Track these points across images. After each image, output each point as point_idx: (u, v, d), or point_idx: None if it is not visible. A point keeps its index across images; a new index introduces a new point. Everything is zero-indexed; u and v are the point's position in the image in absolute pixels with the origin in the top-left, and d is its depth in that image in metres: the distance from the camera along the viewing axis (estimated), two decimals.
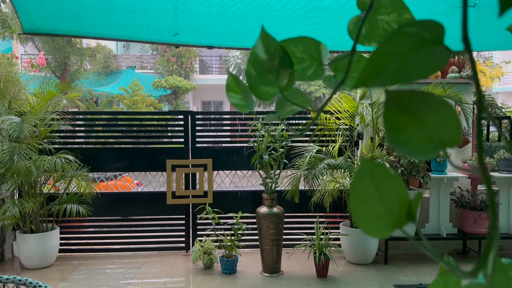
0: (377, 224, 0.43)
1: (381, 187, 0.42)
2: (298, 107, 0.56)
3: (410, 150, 0.42)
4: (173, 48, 18.75)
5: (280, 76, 0.52)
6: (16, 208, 4.53)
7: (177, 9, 3.25)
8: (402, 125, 0.41)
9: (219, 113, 5.60)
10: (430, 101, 0.41)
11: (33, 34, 3.72)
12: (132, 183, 7.06)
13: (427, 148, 0.41)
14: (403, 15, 0.57)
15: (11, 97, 5.08)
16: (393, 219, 0.42)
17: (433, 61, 0.43)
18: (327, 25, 3.42)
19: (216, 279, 4.54)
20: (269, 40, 0.51)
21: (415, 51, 0.42)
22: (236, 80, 0.55)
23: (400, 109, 0.41)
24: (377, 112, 4.97)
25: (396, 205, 0.42)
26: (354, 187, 0.43)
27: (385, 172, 0.43)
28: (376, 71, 0.43)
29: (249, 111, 0.56)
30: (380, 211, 0.42)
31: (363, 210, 0.43)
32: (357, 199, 0.43)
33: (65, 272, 4.74)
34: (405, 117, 0.41)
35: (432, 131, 0.41)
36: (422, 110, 0.41)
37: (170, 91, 19.37)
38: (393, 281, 4.43)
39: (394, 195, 0.42)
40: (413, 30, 0.42)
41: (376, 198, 0.42)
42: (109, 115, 6.14)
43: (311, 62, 0.57)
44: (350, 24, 0.60)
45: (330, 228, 4.88)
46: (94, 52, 18.25)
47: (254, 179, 5.55)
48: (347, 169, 4.72)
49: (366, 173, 0.43)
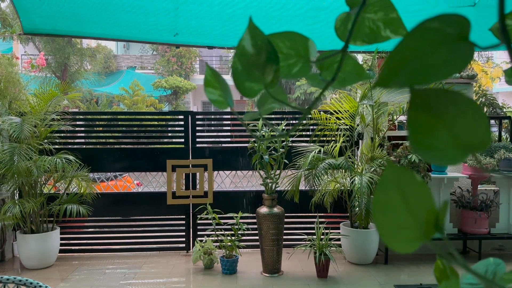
0: (403, 236, 0.39)
1: (408, 196, 0.39)
2: (276, 105, 0.53)
3: (436, 155, 0.39)
4: (173, 48, 18.75)
5: (265, 72, 0.49)
6: (16, 208, 4.53)
7: (177, 9, 3.25)
8: (428, 127, 0.38)
9: (219, 113, 5.59)
10: (458, 101, 0.38)
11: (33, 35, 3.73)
12: (133, 184, 7.06)
13: (455, 153, 0.38)
14: (389, 14, 0.55)
15: (12, 97, 5.08)
16: (421, 231, 0.39)
17: (457, 58, 0.39)
18: (327, 25, 3.43)
19: (216, 279, 4.54)
20: (257, 33, 0.48)
21: (437, 48, 0.39)
22: (216, 75, 0.51)
23: (426, 109, 0.38)
24: (377, 112, 4.97)
25: (423, 215, 0.39)
26: (378, 196, 0.40)
27: (412, 179, 0.39)
28: (396, 70, 0.40)
29: (228, 107, 0.53)
30: (407, 222, 0.39)
31: (388, 222, 0.39)
32: (381, 209, 0.39)
33: (66, 272, 4.74)
34: (431, 118, 0.38)
35: (461, 133, 0.37)
36: (449, 111, 0.38)
37: (170, 91, 19.38)
38: (393, 281, 4.42)
39: (422, 204, 0.39)
40: (436, 25, 0.39)
41: (402, 208, 0.39)
42: (110, 115, 6.13)
43: (297, 59, 0.54)
44: (338, 21, 0.57)
45: (330, 228, 4.88)
46: (94, 52, 18.27)
47: (254, 179, 5.55)
48: (347, 169, 4.72)
49: (392, 180, 0.39)
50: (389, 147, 5.17)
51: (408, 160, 4.66)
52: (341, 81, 0.56)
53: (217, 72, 0.51)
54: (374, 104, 4.89)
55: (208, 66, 0.52)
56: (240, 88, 0.50)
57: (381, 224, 0.39)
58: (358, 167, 4.96)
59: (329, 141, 5.16)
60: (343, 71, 0.55)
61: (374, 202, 0.40)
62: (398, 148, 4.91)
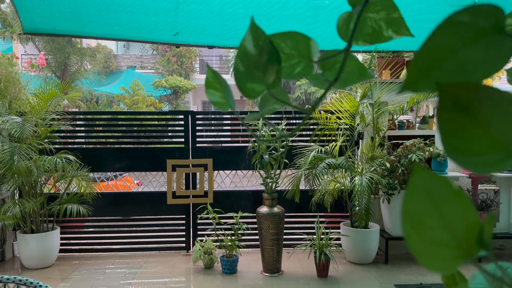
0: (439, 255, 0.34)
1: (443, 207, 0.34)
2: (278, 106, 0.52)
3: (476, 161, 0.34)
4: (173, 48, 18.75)
5: (267, 72, 0.49)
6: (16, 208, 4.53)
7: (178, 8, 3.24)
8: (463, 129, 0.34)
9: (219, 113, 5.59)
10: (494, 97, 0.33)
11: (33, 34, 3.72)
12: (133, 183, 7.06)
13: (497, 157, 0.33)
14: (391, 14, 0.54)
15: (12, 97, 5.08)
16: (460, 248, 0.34)
17: (496, 54, 0.35)
18: (327, 24, 3.42)
19: (216, 279, 4.54)
20: (259, 34, 0.48)
21: (471, 44, 0.35)
22: (217, 76, 0.51)
23: (458, 108, 0.34)
24: (378, 111, 4.97)
25: (462, 229, 0.34)
26: (407, 207, 0.35)
27: (446, 187, 0.35)
28: (426, 71, 0.36)
29: (229, 109, 0.52)
30: (442, 237, 0.34)
31: (419, 237, 0.34)
32: (411, 222, 0.35)
33: (66, 272, 4.74)
34: (465, 118, 0.33)
35: (502, 135, 0.33)
36: (485, 109, 0.33)
37: (171, 91, 19.38)
38: (393, 281, 4.42)
39: (460, 217, 0.34)
40: (466, 18, 0.35)
41: (436, 220, 0.34)
42: (110, 115, 6.13)
43: (299, 59, 0.53)
44: (340, 20, 0.56)
45: (330, 228, 4.88)
46: (94, 52, 18.27)
47: (255, 179, 5.55)
48: (347, 169, 4.71)
49: (422, 188, 0.35)
50: (389, 147, 5.17)
51: (409, 160, 4.66)
52: (343, 81, 0.55)
53: (218, 73, 0.51)
54: (374, 103, 4.89)
55: (209, 67, 0.52)
56: (242, 89, 0.50)
57: (412, 240, 0.35)
58: (358, 167, 4.96)
59: (329, 140, 5.16)
60: (345, 71, 0.54)
61: (403, 213, 0.35)
62: (399, 147, 4.91)
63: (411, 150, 4.72)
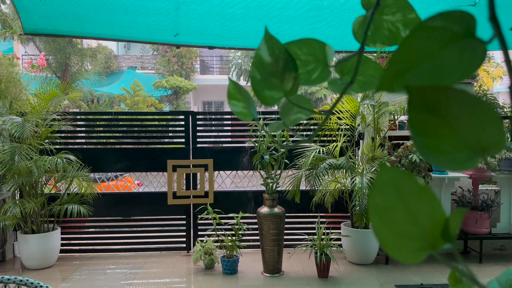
0: (406, 246, 0.36)
1: (410, 202, 0.36)
2: (303, 115, 0.53)
3: (445, 159, 0.36)
4: (173, 48, 18.76)
5: (284, 79, 0.49)
6: (17, 208, 4.53)
7: (178, 9, 3.24)
8: (432, 129, 0.35)
9: (220, 113, 5.59)
10: (462, 99, 0.34)
11: (34, 35, 3.73)
12: (133, 184, 7.06)
13: (464, 156, 0.35)
14: (408, 15, 0.55)
15: (12, 97, 5.09)
16: (425, 241, 0.35)
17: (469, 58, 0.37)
18: (328, 24, 3.42)
19: (217, 279, 4.54)
20: (273, 42, 0.48)
21: (445, 47, 0.37)
22: (238, 87, 0.52)
23: (427, 109, 0.35)
24: (378, 112, 4.97)
25: (428, 223, 0.35)
26: (374, 201, 0.36)
27: (412, 183, 0.36)
28: (401, 72, 0.37)
29: (252, 119, 0.53)
30: (409, 230, 0.35)
31: (388, 230, 0.36)
32: (379, 215, 0.36)
33: (66, 272, 4.74)
34: (434, 118, 0.35)
35: (468, 135, 0.34)
36: (453, 110, 0.34)
37: (171, 91, 19.39)
38: (394, 281, 4.42)
39: (426, 211, 0.35)
40: (440, 23, 0.37)
41: (403, 214, 0.36)
42: (110, 116, 6.13)
43: (316, 65, 0.54)
44: (355, 24, 0.56)
45: (331, 228, 4.88)
46: (95, 52, 18.29)
47: (255, 179, 5.55)
48: (348, 169, 4.71)
49: (388, 183, 0.36)
50: (390, 147, 5.16)
51: (409, 160, 4.66)
52: (362, 85, 0.55)
53: (239, 84, 0.52)
54: (375, 104, 4.89)
55: (230, 79, 0.53)
56: (260, 96, 0.50)
57: (380, 232, 0.36)
58: (359, 167, 4.95)
59: (330, 141, 5.16)
60: (364, 75, 0.55)
61: (370, 206, 0.36)
62: (399, 148, 4.91)
63: (411, 150, 4.72)
